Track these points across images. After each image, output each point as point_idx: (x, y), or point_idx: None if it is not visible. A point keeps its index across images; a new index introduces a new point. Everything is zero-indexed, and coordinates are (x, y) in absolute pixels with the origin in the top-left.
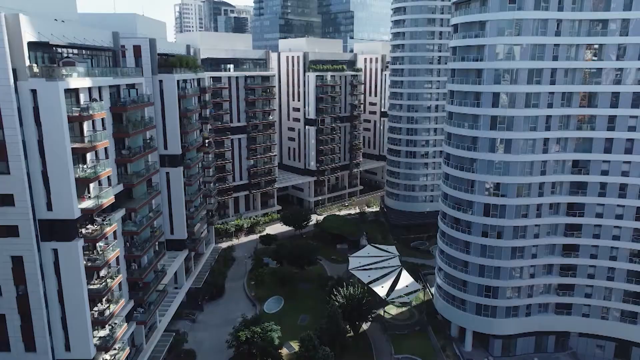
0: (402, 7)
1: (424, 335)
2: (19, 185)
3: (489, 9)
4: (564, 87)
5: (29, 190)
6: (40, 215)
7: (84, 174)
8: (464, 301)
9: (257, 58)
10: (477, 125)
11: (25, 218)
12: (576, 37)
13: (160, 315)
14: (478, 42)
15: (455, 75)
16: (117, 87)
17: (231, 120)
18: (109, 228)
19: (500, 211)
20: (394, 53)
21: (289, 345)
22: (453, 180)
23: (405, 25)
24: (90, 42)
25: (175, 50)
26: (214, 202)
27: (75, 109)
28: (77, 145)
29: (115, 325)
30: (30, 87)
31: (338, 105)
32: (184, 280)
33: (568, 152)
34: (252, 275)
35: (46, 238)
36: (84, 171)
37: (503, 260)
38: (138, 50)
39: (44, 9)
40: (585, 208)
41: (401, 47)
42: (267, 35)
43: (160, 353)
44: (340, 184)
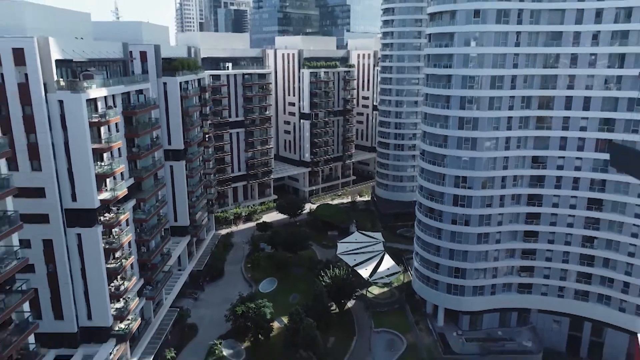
0: (391, 7)
1: (402, 312)
2: (49, 180)
3: (457, 22)
4: (523, 91)
5: (57, 184)
6: (66, 205)
7: (102, 170)
8: (436, 282)
9: (254, 56)
10: (447, 125)
11: (54, 208)
12: (534, 47)
13: (166, 293)
14: (448, 51)
15: (429, 80)
16: (128, 93)
17: (230, 115)
18: (122, 216)
19: (468, 201)
20: (383, 51)
21: (280, 320)
22: (427, 174)
23: (393, 25)
24: (104, 55)
25: (178, 53)
26: (214, 192)
27: (95, 116)
28: (96, 146)
29: (128, 299)
30: (57, 99)
31: (331, 100)
32: (187, 263)
33: (528, 149)
34: (249, 259)
35: (71, 224)
36: (102, 168)
37: (470, 245)
38: (144, 56)
39: (66, 28)
40: (543, 199)
41: (390, 45)
42: (266, 28)
43: (166, 326)
44: (333, 175)
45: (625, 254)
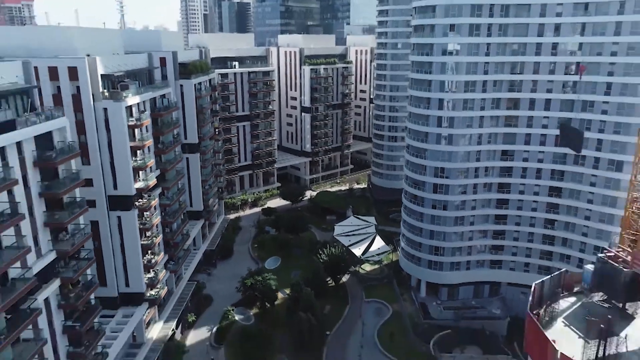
0: (385, 9)
1: (390, 286)
2: (96, 172)
3: (435, 34)
4: (493, 94)
5: (102, 175)
6: (109, 192)
7: (137, 164)
8: (419, 259)
9: (258, 55)
10: (428, 123)
11: (100, 194)
12: (502, 56)
13: (185, 269)
14: (428, 59)
15: (413, 84)
16: (154, 98)
17: (237, 110)
18: (153, 202)
19: (445, 189)
20: (378, 49)
21: (283, 292)
22: (411, 166)
23: (387, 25)
24: (135, 66)
25: (191, 56)
26: (223, 180)
27: (131, 119)
28: (133, 144)
29: (157, 271)
30: (103, 107)
31: (330, 94)
32: (201, 243)
33: (497, 144)
34: (256, 240)
35: (113, 208)
36: (137, 162)
37: (448, 227)
38: (164, 62)
39: (104, 45)
40: (511, 187)
41: (384, 44)
42: (269, 21)
43: (186, 296)
44: (332, 164)
45: (579, 234)
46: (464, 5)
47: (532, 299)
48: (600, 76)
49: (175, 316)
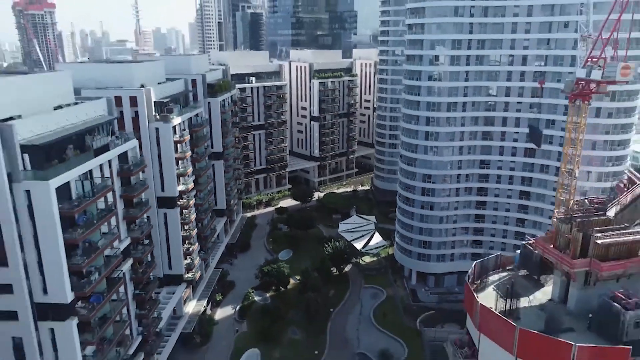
0: (386, 30)
1: (386, 275)
2: (149, 178)
3: (423, 63)
4: (471, 113)
5: (153, 181)
6: (157, 194)
7: (179, 171)
8: (410, 251)
9: (272, 71)
10: (417, 137)
11: (152, 195)
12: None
13: (212, 258)
14: (417, 84)
15: (405, 103)
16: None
17: (253, 119)
18: (190, 201)
19: (432, 192)
20: (380, 65)
21: (294, 278)
22: (404, 172)
23: (388, 45)
24: (175, 91)
25: (216, 76)
26: (241, 183)
27: (175, 137)
28: (177, 156)
29: (193, 258)
30: (155, 127)
31: (337, 104)
32: (224, 237)
33: (476, 155)
34: (270, 235)
35: (161, 206)
36: (179, 170)
37: (434, 224)
38: (194, 83)
39: (153, 75)
40: (488, 191)
41: (386, 61)
42: (280, 31)
43: (213, 280)
44: (339, 167)
45: (545, 231)
46: (446, 40)
47: (472, 273)
48: (559, 99)
49: (205, 296)
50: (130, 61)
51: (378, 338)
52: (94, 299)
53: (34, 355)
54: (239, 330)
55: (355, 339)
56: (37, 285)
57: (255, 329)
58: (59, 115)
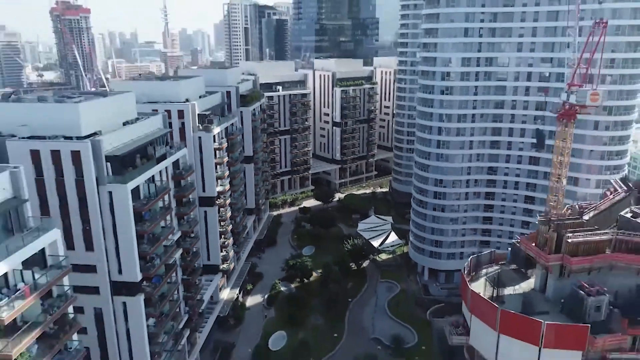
0: (405, 42)
1: (401, 271)
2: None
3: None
4: (480, 124)
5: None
6: (199, 194)
7: (218, 174)
8: (423, 249)
9: (297, 80)
10: (430, 145)
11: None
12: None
13: (243, 252)
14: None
15: (419, 114)
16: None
17: (279, 125)
18: (227, 201)
19: (443, 196)
20: (399, 75)
21: (316, 271)
22: (418, 177)
23: (407, 55)
24: (214, 104)
25: (247, 86)
26: (268, 184)
27: (215, 144)
28: (216, 161)
29: (227, 251)
30: (198, 136)
31: (358, 110)
32: (252, 233)
33: (484, 162)
34: (294, 233)
35: (202, 205)
36: (218, 173)
37: (445, 225)
38: (229, 94)
39: (196, 89)
40: (495, 195)
41: (404, 71)
42: (305, 37)
43: (244, 272)
44: (359, 170)
45: None
46: (456, 58)
47: (468, 266)
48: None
49: (238, 285)
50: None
51: (391, 326)
52: (155, 280)
53: (110, 323)
54: (267, 316)
55: (371, 326)
56: (114, 266)
57: (281, 314)
58: (128, 130)
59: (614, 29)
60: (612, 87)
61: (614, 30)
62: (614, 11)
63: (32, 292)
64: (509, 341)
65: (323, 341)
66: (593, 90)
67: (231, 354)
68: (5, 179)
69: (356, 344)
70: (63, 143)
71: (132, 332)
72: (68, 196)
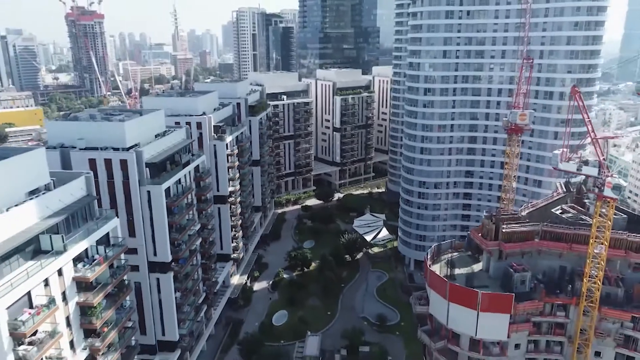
0: (399, 55)
1: (390, 262)
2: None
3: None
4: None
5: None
6: (215, 193)
7: (230, 176)
8: (410, 243)
9: (300, 90)
10: (414, 151)
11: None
12: (464, 108)
13: (251, 244)
14: (414, 109)
15: (405, 125)
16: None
17: (284, 131)
18: (237, 199)
19: (426, 196)
20: (394, 85)
21: (315, 262)
22: (405, 180)
23: (400, 68)
24: (226, 115)
25: (255, 97)
26: (274, 184)
27: (228, 151)
28: (228, 165)
29: (238, 242)
30: (213, 144)
31: (357, 117)
32: (259, 228)
33: (462, 166)
34: (297, 228)
35: (217, 202)
36: (230, 175)
37: (428, 222)
38: (239, 105)
39: (211, 102)
40: (472, 195)
41: (398, 82)
42: (309, 45)
43: (252, 261)
44: (358, 172)
45: None
46: (437, 76)
47: (432, 252)
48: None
49: (246, 272)
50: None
51: (378, 307)
52: (181, 262)
53: (147, 295)
54: (271, 298)
55: (360, 307)
56: (150, 249)
57: (284, 297)
58: (160, 142)
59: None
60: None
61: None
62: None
63: (104, 261)
64: (456, 308)
65: (319, 319)
66: (521, 112)
67: (240, 328)
68: (82, 182)
69: (347, 322)
70: (114, 153)
71: (163, 302)
72: (117, 194)
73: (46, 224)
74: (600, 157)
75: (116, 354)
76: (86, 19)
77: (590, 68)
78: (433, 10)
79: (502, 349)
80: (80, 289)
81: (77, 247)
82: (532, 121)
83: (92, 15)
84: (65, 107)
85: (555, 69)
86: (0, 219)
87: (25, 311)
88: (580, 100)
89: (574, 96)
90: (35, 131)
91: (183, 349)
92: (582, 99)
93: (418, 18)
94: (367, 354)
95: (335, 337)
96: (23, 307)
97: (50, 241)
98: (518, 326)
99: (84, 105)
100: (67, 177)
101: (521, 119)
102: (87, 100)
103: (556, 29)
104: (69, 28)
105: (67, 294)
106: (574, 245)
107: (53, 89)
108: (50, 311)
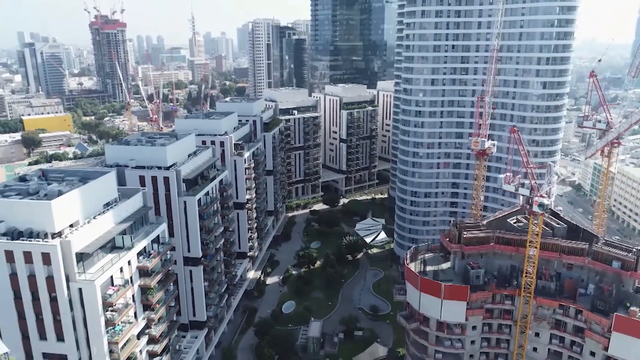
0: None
1: (387, 261)
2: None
3: (410, 115)
4: (445, 150)
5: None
6: (234, 200)
7: (247, 186)
8: (403, 245)
9: (310, 105)
10: (407, 164)
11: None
12: (450, 129)
13: (264, 244)
14: (406, 118)
15: (399, 142)
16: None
17: (295, 142)
18: (253, 205)
19: (417, 204)
20: (395, 101)
21: (320, 260)
22: (399, 188)
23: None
24: (244, 134)
25: (269, 114)
26: (285, 190)
27: (246, 165)
28: (246, 176)
29: (253, 242)
30: (234, 160)
31: (362, 129)
32: (272, 230)
33: (449, 178)
34: (305, 231)
35: (236, 208)
36: (247, 185)
37: (419, 226)
38: (255, 123)
39: (231, 126)
40: (458, 203)
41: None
42: (321, 56)
43: (265, 259)
44: (362, 179)
45: None
46: (427, 101)
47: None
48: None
49: (260, 268)
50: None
51: (372, 300)
52: (209, 257)
53: (182, 284)
54: (281, 291)
55: (357, 300)
56: (185, 246)
57: (292, 290)
58: (193, 161)
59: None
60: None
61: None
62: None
63: (157, 255)
64: (425, 296)
65: (322, 308)
66: (475, 139)
67: (255, 314)
68: (140, 196)
69: (345, 311)
70: (159, 171)
71: (195, 289)
72: (160, 203)
73: (120, 228)
74: (532, 182)
75: (164, 325)
76: (109, 28)
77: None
78: (422, 45)
79: (462, 329)
80: (141, 275)
81: (140, 244)
82: (493, 146)
83: (115, 24)
84: (90, 112)
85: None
86: (91, 225)
87: (110, 288)
88: (518, 135)
89: (512, 134)
90: (65, 136)
91: (209, 328)
92: (520, 136)
93: (410, 50)
94: (360, 337)
95: (335, 323)
96: (108, 285)
97: (122, 240)
98: (473, 311)
99: (107, 110)
100: (128, 192)
101: (474, 144)
102: (111, 106)
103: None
104: (93, 36)
105: (132, 278)
106: (520, 248)
107: (77, 94)
108: (125, 290)
